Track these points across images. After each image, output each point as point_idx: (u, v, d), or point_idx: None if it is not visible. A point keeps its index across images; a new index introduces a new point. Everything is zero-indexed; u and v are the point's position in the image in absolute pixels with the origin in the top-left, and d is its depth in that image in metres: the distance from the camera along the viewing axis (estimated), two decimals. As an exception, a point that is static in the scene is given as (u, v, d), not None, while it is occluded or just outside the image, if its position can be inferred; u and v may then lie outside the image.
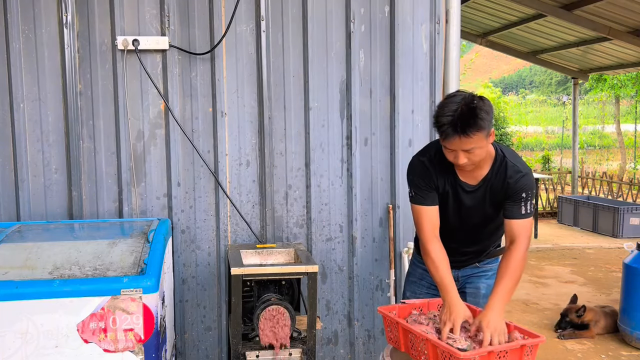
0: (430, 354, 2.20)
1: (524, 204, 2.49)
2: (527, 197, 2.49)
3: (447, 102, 2.38)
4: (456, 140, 2.33)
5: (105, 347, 2.31)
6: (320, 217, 3.48)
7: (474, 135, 2.31)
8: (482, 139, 2.34)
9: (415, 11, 3.44)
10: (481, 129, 2.31)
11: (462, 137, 2.31)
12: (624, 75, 14.28)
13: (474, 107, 2.31)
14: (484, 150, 2.41)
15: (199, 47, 3.31)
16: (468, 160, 2.40)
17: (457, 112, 2.31)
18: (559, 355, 4.59)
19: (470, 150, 2.36)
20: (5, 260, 2.53)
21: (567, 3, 7.54)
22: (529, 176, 2.52)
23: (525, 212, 2.50)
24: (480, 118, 2.30)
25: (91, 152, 3.29)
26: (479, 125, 2.30)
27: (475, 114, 2.30)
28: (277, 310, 2.75)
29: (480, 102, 2.34)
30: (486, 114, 2.33)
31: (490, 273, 2.77)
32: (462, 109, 2.31)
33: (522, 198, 2.49)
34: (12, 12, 3.17)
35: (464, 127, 2.29)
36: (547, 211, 11.21)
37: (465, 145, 2.34)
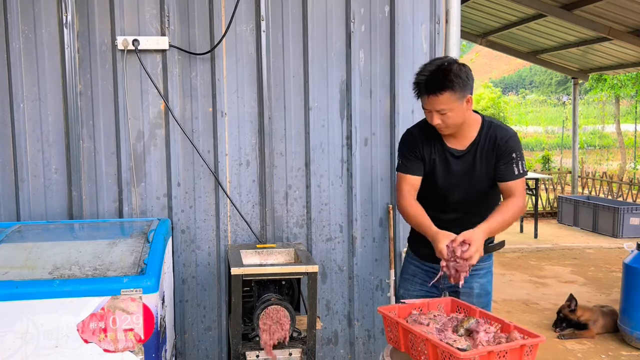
0: (430, 354, 2.20)
1: (515, 164, 2.59)
2: (517, 157, 2.60)
3: (426, 65, 2.57)
4: (428, 99, 2.51)
5: (105, 347, 2.31)
6: (320, 217, 3.49)
7: (441, 94, 2.46)
8: (452, 101, 2.48)
9: (415, 11, 3.44)
10: (449, 89, 2.46)
11: (431, 96, 2.48)
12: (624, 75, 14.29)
13: (446, 69, 2.48)
14: (457, 114, 2.53)
15: (199, 47, 3.31)
16: (442, 122, 2.54)
17: (431, 73, 2.49)
18: (559, 355, 4.59)
19: (442, 112, 2.51)
20: (5, 260, 2.53)
21: (567, 3, 7.54)
22: (516, 137, 2.66)
23: (519, 173, 2.61)
24: (450, 80, 2.46)
25: (91, 152, 3.29)
26: (447, 85, 2.45)
27: (446, 74, 2.47)
28: (277, 310, 2.75)
29: (456, 66, 2.51)
30: (457, 77, 2.48)
31: (483, 272, 2.78)
32: (436, 70, 2.49)
33: (513, 158, 2.59)
34: (12, 12, 3.17)
35: (433, 86, 2.47)
36: (547, 211, 11.21)
37: (436, 105, 2.49)
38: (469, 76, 2.56)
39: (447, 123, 2.55)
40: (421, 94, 2.54)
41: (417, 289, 2.86)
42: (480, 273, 2.79)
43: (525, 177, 2.66)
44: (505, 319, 2.38)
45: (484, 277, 2.77)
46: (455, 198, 2.70)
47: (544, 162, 15.80)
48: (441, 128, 2.59)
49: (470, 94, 2.57)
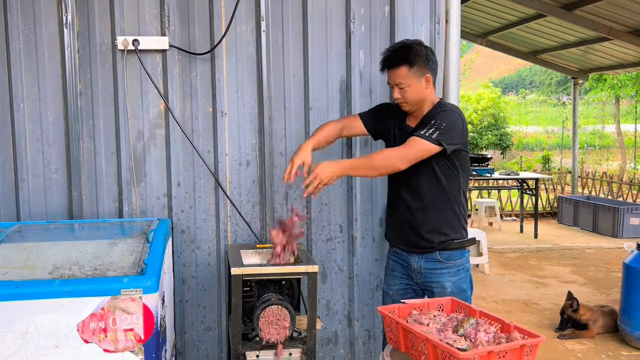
0: (430, 354, 2.20)
1: (428, 126, 2.65)
2: (437, 123, 2.65)
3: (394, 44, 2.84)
4: (388, 74, 2.75)
5: (105, 347, 2.31)
6: (320, 217, 3.49)
7: (398, 68, 2.67)
8: (409, 76, 2.68)
9: (415, 11, 3.44)
10: (406, 64, 2.66)
11: (390, 70, 2.72)
12: (624, 75, 14.30)
13: (406, 45, 2.71)
14: (415, 90, 2.71)
15: (199, 47, 3.31)
16: (401, 97, 2.74)
17: (393, 48, 2.74)
18: (559, 355, 4.59)
19: (400, 85, 2.70)
20: (5, 260, 2.53)
21: (567, 3, 7.55)
22: (447, 111, 2.73)
23: (425, 133, 2.63)
24: (407, 55, 2.67)
25: (91, 152, 3.29)
26: (404, 60, 2.66)
27: (405, 51, 2.68)
28: (277, 310, 2.75)
29: (417, 45, 2.71)
30: (417, 54, 2.68)
31: (455, 269, 2.84)
32: (398, 46, 2.73)
33: (430, 124, 2.66)
34: (12, 12, 3.17)
35: (392, 60, 2.70)
36: (547, 211, 11.22)
37: (395, 79, 2.71)
38: (430, 57, 2.73)
39: (405, 98, 2.73)
40: (382, 67, 2.79)
41: (397, 283, 2.99)
42: (452, 271, 2.82)
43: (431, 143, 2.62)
44: (505, 319, 2.38)
45: (455, 275, 2.81)
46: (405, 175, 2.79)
47: (544, 162, 15.81)
48: (401, 103, 2.78)
49: (430, 74, 2.73)
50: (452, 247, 2.83)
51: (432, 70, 2.75)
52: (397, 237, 2.98)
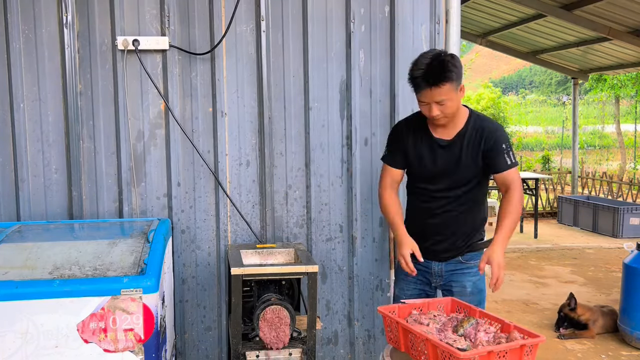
0: (430, 354, 2.20)
1: (506, 154, 2.68)
2: (507, 147, 2.69)
3: (419, 58, 2.63)
4: (428, 92, 2.57)
5: (105, 347, 2.31)
6: (320, 217, 3.49)
7: (443, 85, 2.54)
8: (451, 91, 2.57)
9: (415, 11, 3.44)
10: (450, 80, 2.55)
11: (433, 88, 2.55)
12: (624, 75, 14.29)
13: (443, 60, 2.56)
14: (454, 104, 2.63)
15: (199, 47, 3.31)
16: (441, 113, 2.62)
17: (428, 66, 2.56)
18: (559, 355, 4.59)
19: (441, 102, 2.58)
20: (5, 260, 2.53)
21: (567, 3, 7.55)
22: (503, 130, 2.78)
23: (511, 163, 2.69)
24: (449, 70, 2.54)
25: (91, 152, 3.29)
26: (447, 76, 2.54)
27: (444, 66, 2.55)
28: (277, 310, 2.76)
29: (449, 57, 2.60)
30: (454, 67, 2.58)
31: (475, 270, 2.81)
32: (432, 62, 2.56)
33: (503, 149, 2.68)
34: (12, 12, 3.17)
35: (435, 78, 2.54)
36: (547, 211, 11.21)
37: (437, 97, 2.57)
38: (461, 65, 2.67)
39: (445, 113, 2.64)
40: (420, 88, 2.60)
41: (410, 288, 2.91)
42: (472, 271, 2.82)
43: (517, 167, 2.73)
44: (505, 319, 2.38)
45: (476, 274, 2.81)
46: (441, 186, 2.79)
47: (544, 162, 15.80)
48: (439, 119, 2.67)
49: (462, 82, 2.67)
50: (474, 249, 2.82)
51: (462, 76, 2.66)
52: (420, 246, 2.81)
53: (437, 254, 2.82)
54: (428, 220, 2.82)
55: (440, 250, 2.81)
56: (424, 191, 2.84)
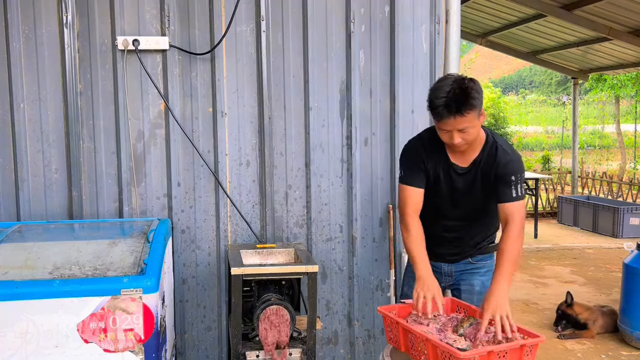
0: (430, 354, 2.20)
1: (514, 187, 2.58)
2: (517, 180, 2.59)
3: (439, 85, 2.50)
4: (451, 121, 2.45)
5: (105, 347, 2.31)
6: (320, 217, 3.48)
7: (467, 114, 2.42)
8: (474, 118, 2.47)
9: (415, 11, 3.44)
10: (474, 108, 2.44)
11: (457, 117, 2.42)
12: (624, 75, 14.29)
13: (465, 88, 2.43)
14: (476, 130, 2.53)
15: (199, 47, 3.31)
16: (462, 140, 2.51)
17: (450, 93, 2.42)
18: (559, 355, 4.59)
19: (464, 130, 2.47)
20: (5, 260, 2.53)
21: (567, 3, 7.54)
22: (517, 161, 2.64)
23: (517, 195, 2.58)
24: (473, 97, 2.43)
25: (91, 152, 3.29)
26: (471, 104, 2.42)
27: (467, 93, 2.42)
28: (277, 310, 2.75)
29: (471, 83, 2.47)
30: (477, 93, 2.46)
31: (484, 270, 2.82)
32: (454, 90, 2.42)
33: (511, 181, 2.58)
34: (12, 12, 3.17)
35: (458, 107, 2.41)
36: (547, 211, 11.21)
37: (460, 125, 2.45)
38: (482, 90, 2.54)
39: (467, 140, 2.53)
40: (442, 117, 2.46)
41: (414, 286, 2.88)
42: (481, 271, 2.82)
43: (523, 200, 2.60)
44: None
45: (484, 275, 2.81)
46: (457, 213, 2.73)
47: (544, 162, 15.80)
48: (460, 145, 2.55)
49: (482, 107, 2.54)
50: (484, 250, 2.83)
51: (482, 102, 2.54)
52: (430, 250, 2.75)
53: (446, 257, 2.82)
54: (441, 233, 2.77)
55: (450, 254, 2.82)
56: (438, 213, 2.75)
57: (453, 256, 2.83)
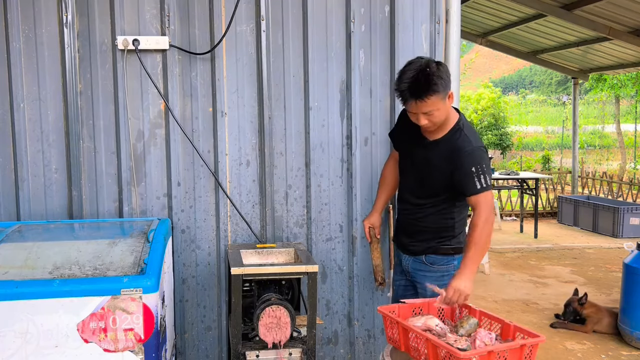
0: (430, 354, 2.20)
1: (477, 178, 2.62)
2: (478, 171, 2.62)
3: (405, 70, 2.63)
4: (413, 104, 2.60)
5: (105, 346, 2.31)
6: (320, 217, 3.49)
7: (428, 99, 2.56)
8: (437, 102, 2.59)
9: (415, 11, 3.44)
10: (435, 93, 2.56)
11: (419, 102, 2.58)
12: (624, 75, 14.30)
13: (427, 73, 2.55)
14: (442, 112, 2.64)
15: (199, 47, 3.31)
16: (428, 122, 2.65)
17: (413, 79, 2.56)
18: (559, 355, 4.59)
19: (429, 113, 2.61)
20: (5, 260, 2.53)
21: (567, 3, 7.55)
22: (478, 151, 2.67)
23: (481, 187, 2.63)
24: (434, 83, 2.55)
25: (91, 151, 3.29)
26: (432, 89, 2.55)
27: (429, 79, 2.54)
28: (277, 310, 2.76)
29: (435, 68, 2.58)
30: (440, 78, 2.56)
31: (439, 274, 2.85)
32: (417, 75, 2.56)
33: (472, 172, 2.62)
34: (12, 11, 3.17)
35: (419, 92, 2.55)
36: (547, 211, 11.21)
37: (422, 109, 2.60)
38: (448, 73, 2.65)
39: (433, 122, 2.66)
40: (406, 100, 2.61)
41: (398, 278, 3.09)
42: (435, 275, 2.85)
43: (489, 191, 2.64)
44: (505, 318, 2.38)
45: (439, 279, 2.82)
46: (411, 182, 2.89)
47: (544, 162, 15.80)
48: (427, 126, 2.69)
49: (450, 90, 2.65)
50: (437, 252, 2.85)
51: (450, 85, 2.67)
52: (396, 236, 3.10)
53: (405, 245, 2.96)
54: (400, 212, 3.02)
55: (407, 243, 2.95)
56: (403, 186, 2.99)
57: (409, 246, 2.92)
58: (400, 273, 3.05)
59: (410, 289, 3.00)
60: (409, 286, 3.01)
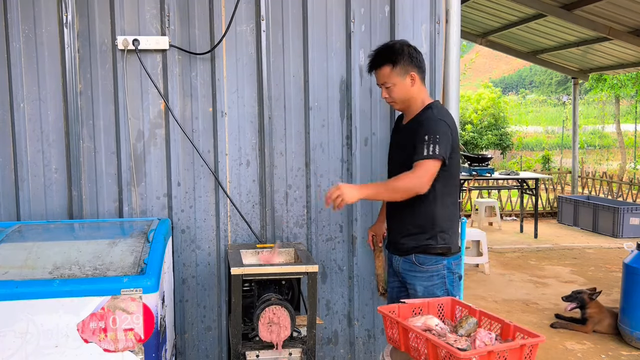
0: (430, 354, 2.20)
1: (426, 144, 2.64)
2: (430, 139, 2.64)
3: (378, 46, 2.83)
4: (374, 75, 2.81)
5: (105, 346, 2.31)
6: (320, 217, 3.49)
7: (381, 68, 2.74)
8: (393, 75, 2.73)
9: (415, 11, 3.44)
10: (388, 63, 2.71)
11: (376, 71, 2.79)
12: (624, 75, 14.30)
13: (388, 46, 2.76)
14: (401, 89, 2.76)
15: (199, 47, 3.31)
16: (388, 96, 2.79)
17: (376, 50, 2.80)
18: (559, 355, 4.59)
19: (386, 85, 2.77)
20: (5, 260, 2.53)
21: (567, 3, 7.55)
22: (437, 122, 2.70)
23: (427, 154, 2.63)
24: (389, 55, 2.72)
25: (91, 151, 3.29)
26: (386, 59, 2.72)
27: (387, 50, 2.74)
28: (277, 310, 2.76)
29: (399, 44, 2.75)
30: (399, 53, 2.71)
31: (428, 275, 2.83)
32: (381, 47, 2.78)
33: (424, 139, 2.64)
34: (12, 11, 3.17)
35: (376, 61, 2.77)
36: (547, 211, 11.22)
37: (380, 79, 2.79)
38: (413, 55, 2.75)
39: (392, 97, 2.79)
40: (370, 70, 2.83)
41: (391, 280, 3.08)
42: (425, 276, 2.83)
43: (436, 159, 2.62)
44: (505, 319, 2.38)
45: (428, 280, 2.82)
46: (391, 168, 2.96)
47: (544, 162, 15.81)
48: (389, 102, 2.84)
49: (415, 72, 2.75)
50: (426, 252, 2.82)
51: (417, 68, 2.76)
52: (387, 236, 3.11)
53: (391, 245, 2.97)
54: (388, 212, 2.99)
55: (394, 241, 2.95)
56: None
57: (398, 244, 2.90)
58: (393, 275, 3.03)
59: (403, 291, 2.97)
60: (402, 287, 2.97)
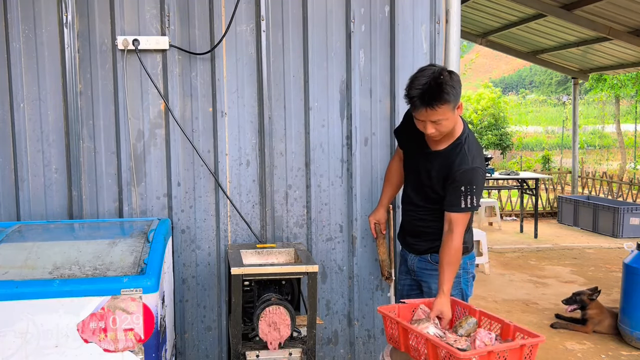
0: (430, 354, 2.20)
1: (463, 197, 2.63)
2: (467, 191, 2.62)
3: (417, 76, 2.60)
4: (423, 112, 2.57)
5: (105, 346, 2.31)
6: (320, 217, 3.49)
7: (439, 108, 2.53)
8: (448, 111, 2.56)
9: (415, 11, 3.44)
10: (446, 102, 2.53)
11: (429, 109, 2.54)
12: (624, 75, 14.30)
13: (440, 82, 2.52)
14: (450, 122, 2.63)
15: (199, 47, 3.31)
16: (436, 131, 2.63)
17: (425, 86, 2.53)
18: (559, 355, 4.59)
19: (437, 122, 2.59)
20: (5, 260, 2.53)
21: (567, 3, 7.55)
22: (474, 172, 2.65)
23: (465, 206, 2.64)
24: (446, 92, 2.52)
25: (91, 152, 3.29)
26: (444, 98, 2.52)
27: (441, 88, 2.51)
28: (277, 310, 2.76)
29: (448, 77, 2.55)
30: (452, 87, 2.54)
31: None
32: (430, 83, 2.52)
33: (461, 191, 2.62)
34: (12, 11, 3.17)
35: (431, 100, 2.52)
36: (547, 211, 11.22)
37: (432, 117, 2.57)
38: (460, 83, 2.62)
39: (440, 131, 2.63)
40: (416, 107, 2.58)
41: (402, 278, 3.10)
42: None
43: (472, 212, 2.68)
44: (505, 319, 2.38)
45: None
46: (416, 194, 2.87)
47: (544, 162, 15.80)
48: (434, 135, 2.66)
49: (460, 100, 2.63)
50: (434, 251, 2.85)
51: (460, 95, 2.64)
52: (401, 236, 3.08)
53: (410, 244, 2.97)
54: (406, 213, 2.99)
55: (412, 242, 2.96)
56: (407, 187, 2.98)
57: (414, 245, 2.94)
58: (406, 272, 3.05)
59: (415, 289, 3.01)
60: (414, 285, 3.01)
